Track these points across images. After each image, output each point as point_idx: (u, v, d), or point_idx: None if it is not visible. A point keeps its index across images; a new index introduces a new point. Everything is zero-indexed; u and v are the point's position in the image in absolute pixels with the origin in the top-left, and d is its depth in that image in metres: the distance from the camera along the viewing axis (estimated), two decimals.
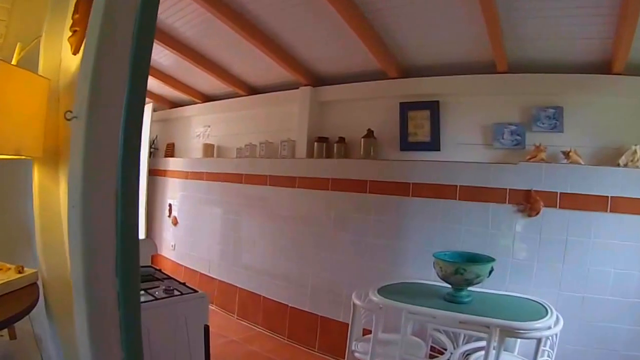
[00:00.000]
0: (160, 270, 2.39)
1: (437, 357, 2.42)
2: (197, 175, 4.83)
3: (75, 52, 1.44)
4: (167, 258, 5.27)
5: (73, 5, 1.44)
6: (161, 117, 5.83)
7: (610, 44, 2.30)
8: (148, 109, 5.58)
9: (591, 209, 2.31)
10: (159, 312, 1.91)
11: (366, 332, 2.52)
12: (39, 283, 1.58)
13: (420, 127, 2.87)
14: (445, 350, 2.38)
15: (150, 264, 2.44)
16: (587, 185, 2.33)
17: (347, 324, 2.54)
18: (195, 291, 2.11)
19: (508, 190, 2.48)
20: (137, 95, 0.98)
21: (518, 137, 2.59)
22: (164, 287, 2.08)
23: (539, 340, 1.94)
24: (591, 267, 2.30)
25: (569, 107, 2.54)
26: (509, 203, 2.48)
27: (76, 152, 1.02)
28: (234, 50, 3.55)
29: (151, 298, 1.95)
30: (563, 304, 2.29)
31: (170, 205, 5.29)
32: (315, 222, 3.35)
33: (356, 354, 2.40)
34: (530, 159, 2.48)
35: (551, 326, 1.96)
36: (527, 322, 1.90)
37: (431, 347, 2.51)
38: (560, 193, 2.37)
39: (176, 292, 2.05)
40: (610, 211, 2.27)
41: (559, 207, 2.37)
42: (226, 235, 4.34)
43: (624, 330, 2.22)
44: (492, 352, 1.87)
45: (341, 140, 3.33)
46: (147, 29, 1.01)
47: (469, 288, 2.21)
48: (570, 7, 2.15)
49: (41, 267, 1.61)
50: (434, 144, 2.82)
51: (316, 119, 3.62)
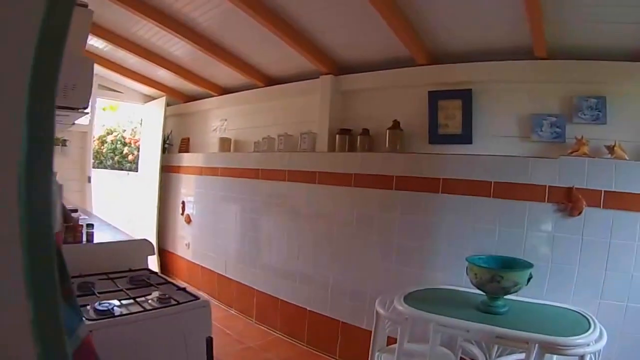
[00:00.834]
0: (156, 274, 2.23)
1: None
2: (211, 171, 4.83)
3: None
4: (181, 257, 5.32)
5: None
6: (176, 112, 5.88)
7: None
8: (161, 102, 5.65)
9: (638, 209, 2.18)
10: (150, 326, 1.64)
11: (391, 340, 2.43)
12: None
13: (452, 118, 2.78)
14: None
15: (145, 267, 2.27)
16: (635, 183, 2.20)
17: (371, 332, 2.46)
18: (196, 298, 1.87)
19: (547, 188, 2.36)
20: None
21: (558, 130, 2.49)
22: (157, 295, 1.82)
23: (581, 358, 1.80)
24: (635, 272, 2.17)
25: (613, 97, 2.41)
26: (548, 201, 2.36)
27: None
28: (251, 38, 3.51)
29: (139, 309, 1.67)
30: (604, 313, 2.16)
31: (183, 202, 5.33)
32: (337, 221, 3.28)
33: None
34: (571, 153, 2.37)
35: (594, 341, 1.83)
36: (569, 338, 1.77)
37: (461, 358, 2.39)
38: (605, 191, 2.24)
39: (172, 301, 1.78)
40: None
41: (603, 207, 2.24)
42: (242, 234, 4.31)
43: None
44: None
45: (365, 132, 3.26)
46: None
47: (508, 296, 2.10)
48: None
49: None
50: (466, 137, 2.73)
51: (338, 110, 3.56)
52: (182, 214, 5.30)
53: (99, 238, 2.46)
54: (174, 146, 5.90)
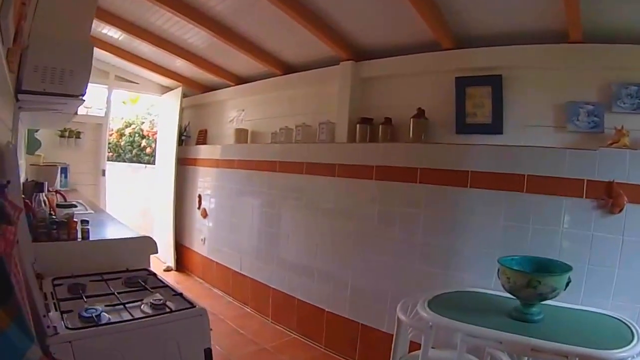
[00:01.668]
0: (155, 276, 2.10)
1: None
2: (228, 164, 4.81)
3: None
4: (197, 253, 5.35)
5: None
6: (193, 103, 5.91)
7: None
8: (177, 93, 5.68)
9: None
10: (138, 336, 1.52)
11: (414, 346, 2.31)
12: None
13: (480, 106, 2.67)
14: None
15: (145, 267, 2.18)
16: None
17: (392, 335, 2.36)
18: (192, 306, 1.73)
19: (585, 182, 2.22)
20: None
21: (596, 119, 2.35)
22: (151, 301, 1.69)
23: None
24: None
25: None
26: (586, 197, 2.22)
27: None
28: (266, 23, 3.47)
29: (128, 317, 1.56)
30: None
31: (199, 196, 5.36)
32: (357, 216, 3.21)
33: None
34: (611, 144, 2.23)
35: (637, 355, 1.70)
36: (613, 352, 1.62)
37: None
38: None
39: (166, 309, 1.65)
40: None
41: None
42: (258, 228, 4.29)
43: None
44: None
45: (387, 121, 3.17)
46: None
47: (542, 302, 1.93)
48: None
49: None
50: (495, 126, 2.62)
51: (359, 98, 3.47)
52: (199, 207, 5.32)
53: (100, 235, 2.40)
54: (191, 138, 5.93)
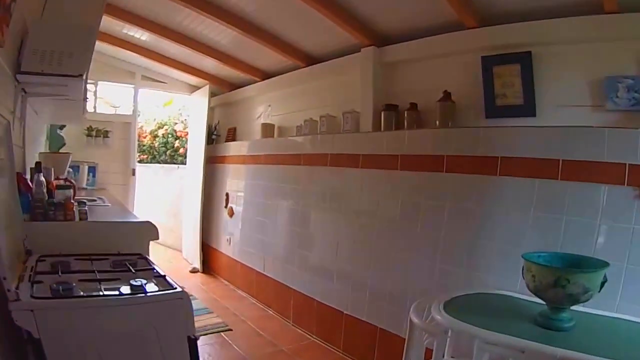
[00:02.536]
0: (145, 259, 2.06)
1: None
2: (253, 159, 4.83)
3: None
4: (223, 253, 5.37)
5: None
6: (222, 101, 5.98)
7: None
8: (204, 92, 5.75)
9: None
10: (108, 315, 1.45)
11: (430, 354, 2.07)
12: None
13: (510, 86, 2.51)
14: None
15: (139, 253, 2.15)
16: None
17: None
18: (172, 288, 1.63)
19: (627, 167, 2.00)
20: None
21: (637, 95, 2.13)
22: (131, 282, 1.60)
23: None
24: None
25: None
26: (627, 184, 1.99)
27: None
28: (284, 13, 3.49)
29: (95, 294, 1.48)
30: None
31: (227, 194, 5.38)
32: (379, 211, 3.10)
33: None
34: None
35: None
36: None
37: None
38: None
39: (142, 289, 1.57)
40: None
41: None
42: (279, 226, 4.25)
43: None
44: None
45: (412, 107, 3.04)
46: None
47: (573, 307, 1.71)
48: None
49: None
50: (528, 108, 2.45)
51: (382, 85, 3.36)
52: (226, 206, 5.35)
53: (103, 220, 2.43)
54: (221, 137, 5.99)
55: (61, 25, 2.30)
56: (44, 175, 2.39)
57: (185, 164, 6.75)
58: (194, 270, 5.68)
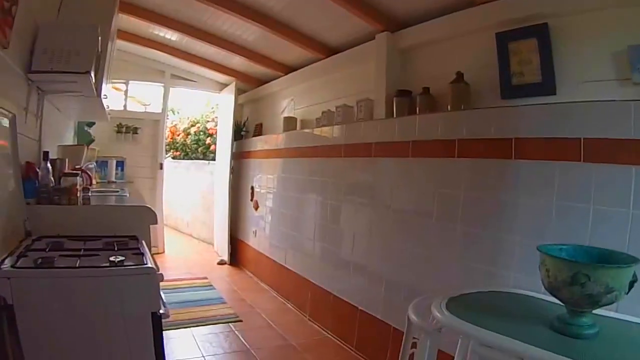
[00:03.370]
0: (137, 240, 2.02)
1: None
2: (274, 153, 4.72)
3: None
4: (249, 246, 5.26)
5: None
6: (250, 98, 5.90)
7: None
8: (232, 88, 5.67)
9: None
10: (78, 286, 1.46)
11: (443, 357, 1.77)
12: None
13: (527, 62, 2.23)
14: None
15: (134, 235, 2.11)
16: None
17: None
18: (143, 265, 1.60)
19: None
20: None
21: None
22: (110, 258, 1.63)
23: None
24: None
25: None
26: None
27: None
28: (305, 7, 3.41)
29: (66, 266, 1.51)
30: None
31: (252, 188, 5.28)
32: (392, 201, 2.86)
33: None
34: None
35: None
36: None
37: None
38: None
39: (110, 263, 1.60)
40: None
41: None
42: (297, 218, 4.10)
43: None
44: None
45: (425, 91, 2.79)
46: None
47: (598, 311, 1.36)
48: None
49: None
50: (547, 85, 2.15)
51: (396, 71, 3.12)
52: (252, 200, 5.25)
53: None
54: (249, 132, 5.91)
55: (68, 25, 2.42)
56: (58, 165, 2.55)
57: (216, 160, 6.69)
58: (221, 262, 5.59)
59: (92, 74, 2.34)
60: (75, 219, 2.19)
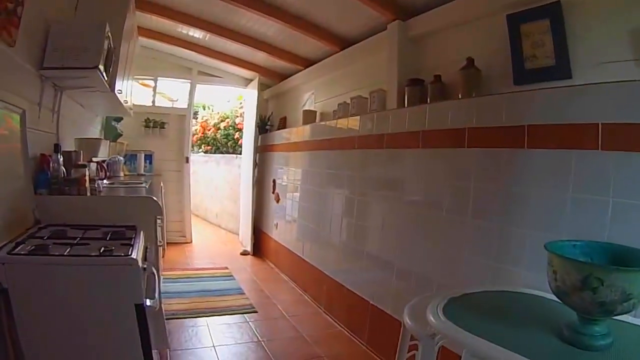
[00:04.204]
0: (135, 230, 1.98)
1: None
2: (292, 146, 4.64)
3: None
4: (271, 237, 5.19)
5: None
6: (274, 92, 5.82)
7: None
8: (255, 83, 5.59)
9: None
10: (65, 274, 1.46)
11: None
12: None
13: (540, 45, 2.01)
14: None
15: (134, 225, 2.07)
16: None
17: None
18: (125, 256, 1.56)
19: None
20: None
21: None
22: (101, 247, 1.61)
23: None
24: None
25: None
26: None
27: None
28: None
29: (56, 253, 1.51)
30: None
31: (274, 181, 5.21)
32: (402, 194, 2.70)
33: None
34: None
35: None
36: None
37: None
38: None
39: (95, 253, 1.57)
40: None
41: None
42: (313, 210, 3.99)
43: None
44: None
45: (436, 79, 2.60)
46: None
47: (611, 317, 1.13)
48: None
49: None
50: (561, 69, 1.93)
51: (408, 60, 2.93)
52: (273, 192, 5.18)
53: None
54: (274, 126, 5.84)
55: (78, 23, 2.47)
56: (73, 157, 2.54)
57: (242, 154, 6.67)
58: (244, 253, 5.55)
59: (101, 69, 2.33)
60: (82, 208, 2.19)
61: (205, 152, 8.38)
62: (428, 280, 2.44)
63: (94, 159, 3.00)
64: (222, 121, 8.09)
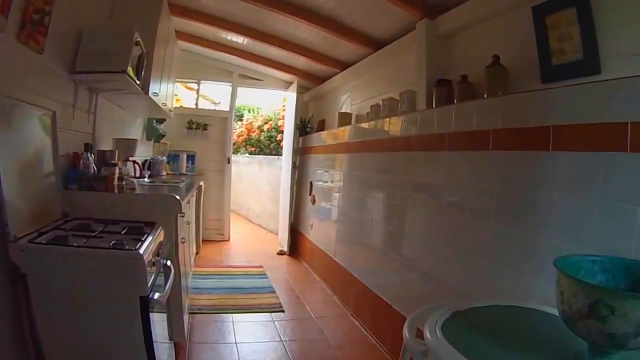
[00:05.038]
0: (153, 226, 2.03)
1: None
2: (328, 149, 4.62)
3: None
4: (307, 238, 5.19)
5: None
6: (314, 95, 5.84)
7: None
8: (294, 87, 5.63)
9: None
10: (75, 263, 1.54)
11: None
12: None
13: (567, 38, 1.86)
14: None
15: (154, 221, 2.13)
16: None
17: None
18: (131, 249, 1.60)
19: None
20: None
21: None
22: (113, 240, 1.68)
23: None
24: None
25: None
26: None
27: None
28: (352, 3, 3.32)
29: (75, 244, 1.59)
30: None
31: (310, 183, 5.21)
32: (428, 198, 2.60)
33: None
34: None
35: None
36: None
37: None
38: None
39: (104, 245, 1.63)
40: None
41: None
42: (343, 211, 3.96)
43: None
44: None
45: (463, 79, 2.48)
46: None
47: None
48: None
49: None
50: (590, 63, 1.77)
51: (436, 59, 2.83)
52: (310, 194, 5.19)
53: None
54: (313, 129, 5.86)
55: (108, 29, 2.56)
56: (108, 156, 2.67)
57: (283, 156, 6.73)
58: (281, 253, 5.59)
59: (129, 73, 2.41)
60: (108, 204, 2.27)
61: (250, 153, 8.53)
62: (445, 287, 2.33)
63: (131, 158, 3.11)
64: (265, 123, 8.22)
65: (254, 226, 7.59)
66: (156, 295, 1.65)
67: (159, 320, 1.99)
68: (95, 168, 2.42)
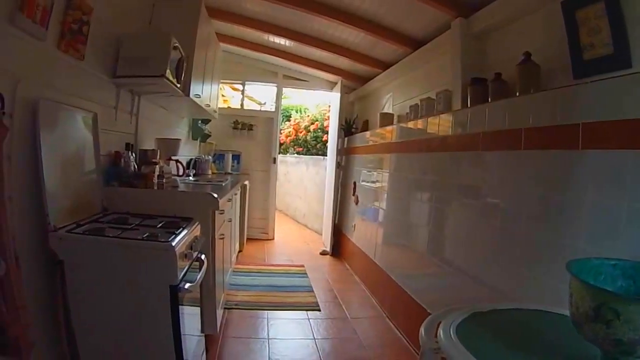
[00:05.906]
0: (189, 222, 2.17)
1: None
2: (370, 149, 4.71)
3: None
4: (349, 239, 5.25)
5: None
6: (358, 95, 5.92)
7: None
8: (338, 87, 5.71)
9: None
10: (108, 253, 1.69)
11: None
12: None
13: (596, 31, 1.80)
14: None
15: (191, 217, 2.27)
16: None
17: None
18: (162, 241, 1.74)
19: None
20: None
21: None
22: (147, 233, 1.83)
23: None
24: None
25: None
26: None
27: None
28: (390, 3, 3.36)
29: (110, 234, 1.75)
30: None
31: (354, 183, 5.27)
32: (462, 199, 2.60)
33: None
34: None
35: None
36: None
37: None
38: None
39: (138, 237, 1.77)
40: None
41: None
42: (383, 212, 3.98)
43: None
44: None
45: (497, 77, 2.45)
46: None
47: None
48: None
49: None
50: (620, 57, 1.70)
51: (471, 58, 2.81)
52: (353, 194, 5.25)
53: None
54: (358, 130, 5.91)
55: (145, 35, 2.78)
56: (149, 155, 2.86)
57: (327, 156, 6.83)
58: (323, 253, 5.68)
59: (168, 76, 2.59)
60: (147, 200, 2.43)
61: (297, 153, 8.71)
62: (474, 289, 2.33)
63: (173, 157, 3.33)
64: (311, 124, 8.35)
65: (299, 226, 7.76)
66: (187, 285, 1.79)
67: (191, 313, 2.13)
68: (135, 166, 2.62)
